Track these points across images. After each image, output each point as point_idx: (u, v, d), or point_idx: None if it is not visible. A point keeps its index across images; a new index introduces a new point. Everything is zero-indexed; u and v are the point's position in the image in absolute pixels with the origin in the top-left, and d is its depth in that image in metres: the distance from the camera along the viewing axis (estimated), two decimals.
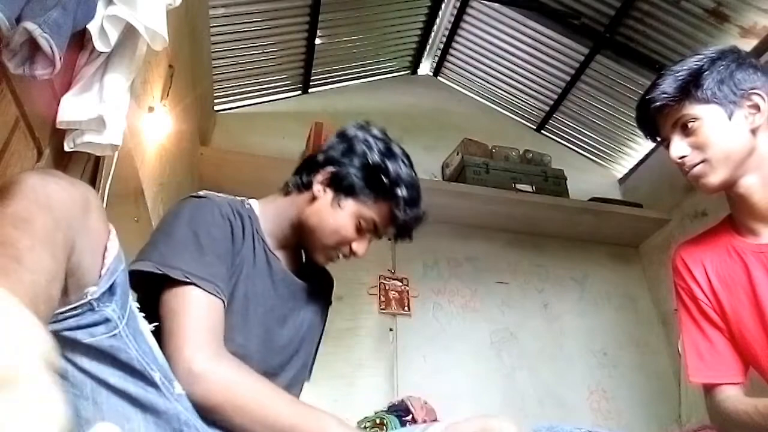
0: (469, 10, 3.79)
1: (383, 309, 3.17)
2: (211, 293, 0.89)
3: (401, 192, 1.04)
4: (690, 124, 1.04)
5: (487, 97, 4.23)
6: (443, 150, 3.75)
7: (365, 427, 2.32)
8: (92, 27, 1.28)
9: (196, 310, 0.86)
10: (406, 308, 3.21)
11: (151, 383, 0.73)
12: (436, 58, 4.22)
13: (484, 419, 0.80)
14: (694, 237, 1.19)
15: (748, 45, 2.94)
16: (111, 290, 0.68)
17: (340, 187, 1.06)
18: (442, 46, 4.11)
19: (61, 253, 0.58)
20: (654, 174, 3.65)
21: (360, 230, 1.05)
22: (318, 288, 1.18)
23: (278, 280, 1.05)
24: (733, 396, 1.06)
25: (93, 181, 1.56)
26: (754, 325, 1.05)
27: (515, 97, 4.10)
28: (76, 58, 1.39)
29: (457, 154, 3.60)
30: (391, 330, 3.13)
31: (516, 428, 0.77)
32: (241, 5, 3.13)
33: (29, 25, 1.00)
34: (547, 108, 4.01)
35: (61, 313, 0.64)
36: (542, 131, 4.18)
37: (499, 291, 3.45)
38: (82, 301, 0.65)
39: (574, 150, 4.14)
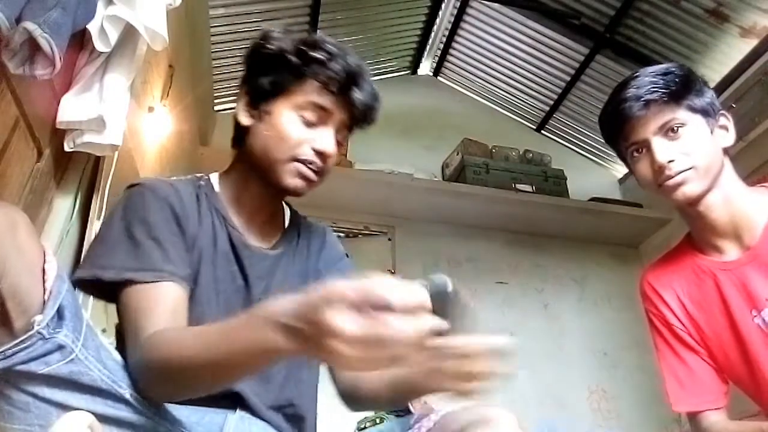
0: (469, 10, 3.79)
1: None
2: (153, 281, 0.79)
3: (313, 54, 0.89)
4: (679, 129, 1.01)
5: (487, 97, 4.23)
6: (443, 150, 3.75)
7: (365, 427, 2.32)
8: (92, 27, 1.28)
9: (136, 310, 0.78)
10: None
11: (122, 400, 0.69)
12: (436, 58, 4.22)
13: (482, 409, 0.75)
14: (658, 260, 1.18)
15: (748, 45, 2.94)
16: (59, 314, 0.64)
17: (258, 97, 0.94)
18: (442, 46, 4.11)
19: None
20: None
21: (309, 124, 0.91)
22: (307, 253, 1.03)
23: (245, 259, 0.92)
24: (718, 422, 1.05)
25: (93, 181, 1.56)
26: (732, 342, 1.04)
27: (515, 97, 4.09)
28: (76, 58, 1.39)
29: (457, 154, 3.60)
30: None
31: (514, 418, 0.73)
32: (241, 5, 3.13)
33: (29, 25, 1.00)
34: (547, 108, 4.00)
35: (9, 348, 0.61)
36: (542, 131, 4.18)
37: (499, 291, 3.45)
38: (30, 332, 0.62)
39: (574, 150, 4.14)
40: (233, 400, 0.83)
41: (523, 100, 4.09)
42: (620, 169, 4.04)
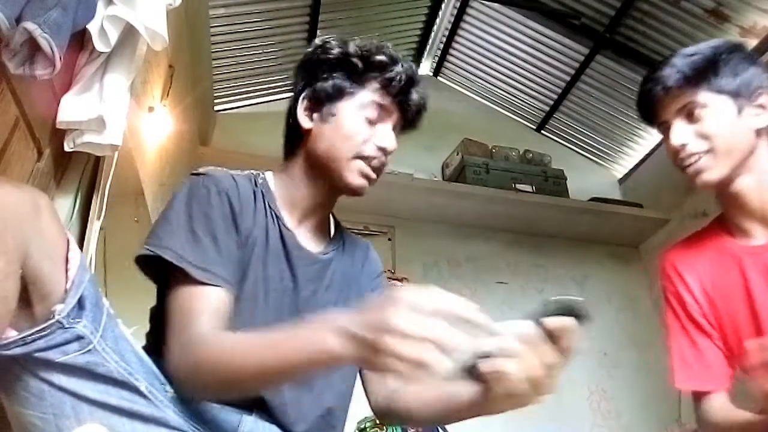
0: (469, 11, 3.79)
1: None
2: (205, 282, 0.81)
3: (376, 58, 0.96)
4: (698, 111, 1.00)
5: (487, 97, 4.22)
6: (443, 150, 3.75)
7: (365, 427, 2.32)
8: (92, 27, 1.28)
9: (183, 306, 0.79)
10: None
11: (136, 392, 0.70)
12: (436, 58, 4.22)
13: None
14: (685, 240, 1.16)
15: (748, 45, 2.94)
16: (80, 304, 0.65)
17: (322, 100, 0.98)
18: (442, 46, 4.11)
19: (12, 253, 0.57)
20: (654, 174, 3.65)
21: (372, 122, 0.96)
22: (351, 262, 1.07)
23: (296, 260, 0.95)
24: (722, 407, 1.03)
25: (93, 181, 1.56)
26: (749, 326, 1.03)
27: (515, 97, 4.09)
28: (76, 58, 1.39)
29: (457, 154, 3.60)
30: None
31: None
32: (241, 5, 3.13)
33: (29, 25, 1.00)
34: (547, 108, 4.00)
35: (30, 335, 0.62)
36: (542, 131, 4.18)
37: (499, 291, 3.45)
38: (50, 321, 0.63)
39: (574, 150, 4.14)
40: (251, 402, 0.83)
41: (523, 100, 4.09)
42: (620, 169, 4.04)
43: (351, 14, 3.57)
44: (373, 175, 0.98)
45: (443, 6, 3.80)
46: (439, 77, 4.32)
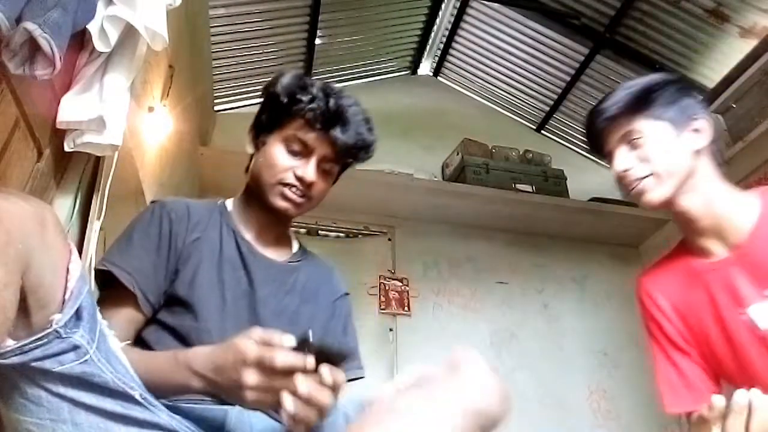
0: (469, 10, 3.79)
1: (383, 309, 3.17)
2: (125, 285, 0.91)
3: (299, 96, 1.03)
4: (638, 138, 1.07)
5: (487, 97, 4.23)
6: (443, 150, 3.75)
7: None
8: (92, 27, 1.28)
9: (104, 305, 0.86)
10: (406, 308, 3.21)
11: (132, 400, 0.71)
12: (436, 58, 4.22)
13: (452, 356, 0.74)
14: (653, 265, 1.21)
15: (748, 45, 2.94)
16: (77, 315, 0.66)
17: (259, 131, 1.10)
18: (442, 46, 4.11)
19: (13, 264, 0.58)
20: None
21: (295, 153, 1.04)
22: (315, 278, 1.13)
23: (251, 265, 1.03)
24: None
25: (93, 182, 1.56)
26: (722, 343, 1.06)
27: (515, 97, 4.10)
28: (76, 59, 1.39)
29: (457, 154, 3.60)
30: (391, 330, 3.13)
31: (481, 358, 0.72)
32: (241, 5, 3.13)
33: (29, 26, 1.00)
34: (547, 108, 4.01)
35: (27, 344, 0.62)
36: (542, 131, 4.18)
37: (499, 291, 3.45)
38: (48, 330, 0.63)
39: (574, 150, 4.14)
40: None
41: (523, 100, 4.09)
42: None
43: (351, 14, 3.57)
44: (298, 200, 1.05)
45: (443, 6, 3.80)
46: (439, 77, 4.32)
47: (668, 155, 1.05)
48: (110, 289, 0.93)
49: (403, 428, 0.61)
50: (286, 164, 1.04)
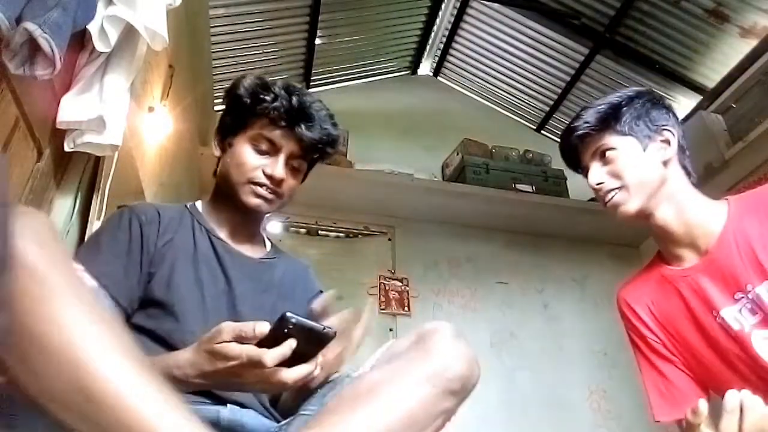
0: (469, 10, 3.79)
1: (383, 309, 3.17)
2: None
3: (262, 95, 1.04)
4: (608, 153, 1.11)
5: (487, 97, 4.23)
6: (443, 150, 3.75)
7: None
8: (92, 27, 1.28)
9: None
10: (406, 308, 3.21)
11: None
12: (436, 58, 4.23)
13: (424, 326, 0.79)
14: (633, 277, 1.23)
15: (748, 45, 2.94)
16: None
17: (224, 133, 1.11)
18: (442, 46, 4.11)
19: None
20: None
21: (262, 152, 1.05)
22: (291, 274, 1.14)
23: (227, 262, 1.03)
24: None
25: (93, 181, 1.56)
26: (703, 348, 1.08)
27: (515, 97, 4.10)
28: (76, 59, 1.39)
29: (457, 154, 3.60)
30: (391, 330, 3.13)
31: (450, 326, 0.76)
32: (241, 5, 3.13)
33: (29, 26, 1.00)
34: (547, 108, 4.01)
35: None
36: (542, 131, 4.18)
37: (499, 291, 3.45)
38: None
39: None
40: (222, 397, 0.87)
41: (523, 100, 4.09)
42: None
43: (351, 14, 3.57)
44: (269, 196, 1.06)
45: (443, 6, 3.80)
46: (439, 77, 4.32)
47: (637, 169, 1.09)
48: None
49: (372, 406, 0.65)
50: (255, 163, 1.04)
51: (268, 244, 1.18)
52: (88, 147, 1.38)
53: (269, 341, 0.70)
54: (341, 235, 3.41)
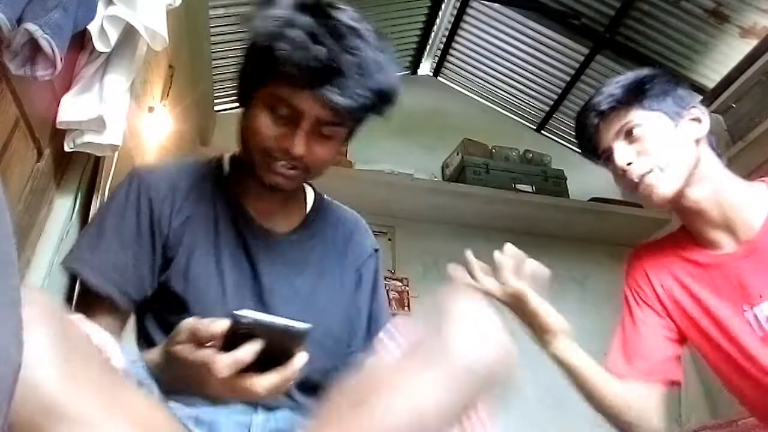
0: (469, 11, 3.79)
1: None
2: (94, 285, 0.82)
3: (281, 42, 0.75)
4: (635, 131, 1.01)
5: (487, 97, 4.22)
6: (443, 150, 3.75)
7: None
8: (92, 27, 1.28)
9: (77, 306, 0.82)
10: (406, 308, 3.21)
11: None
12: (436, 59, 4.22)
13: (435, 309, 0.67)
14: (655, 242, 1.16)
15: (748, 45, 2.94)
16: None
17: (244, 84, 0.88)
18: (442, 46, 4.10)
19: None
20: None
21: (281, 117, 0.82)
22: (330, 241, 0.98)
23: (254, 245, 0.89)
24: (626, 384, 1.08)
25: (93, 182, 1.56)
26: (718, 335, 1.02)
27: (515, 97, 4.09)
28: (76, 59, 1.39)
29: (457, 154, 3.60)
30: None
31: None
32: (241, 5, 3.12)
33: (30, 26, 1.01)
34: (547, 108, 4.00)
35: None
36: (542, 131, 4.18)
37: None
38: None
39: (574, 150, 4.13)
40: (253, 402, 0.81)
41: (523, 100, 4.09)
42: None
43: None
44: (290, 173, 0.85)
45: (443, 6, 3.80)
46: (439, 77, 4.32)
47: (670, 147, 1.00)
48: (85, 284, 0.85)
49: (389, 407, 0.56)
50: (270, 132, 0.82)
51: (309, 199, 1.00)
52: (88, 147, 1.38)
53: (235, 343, 0.60)
54: None
